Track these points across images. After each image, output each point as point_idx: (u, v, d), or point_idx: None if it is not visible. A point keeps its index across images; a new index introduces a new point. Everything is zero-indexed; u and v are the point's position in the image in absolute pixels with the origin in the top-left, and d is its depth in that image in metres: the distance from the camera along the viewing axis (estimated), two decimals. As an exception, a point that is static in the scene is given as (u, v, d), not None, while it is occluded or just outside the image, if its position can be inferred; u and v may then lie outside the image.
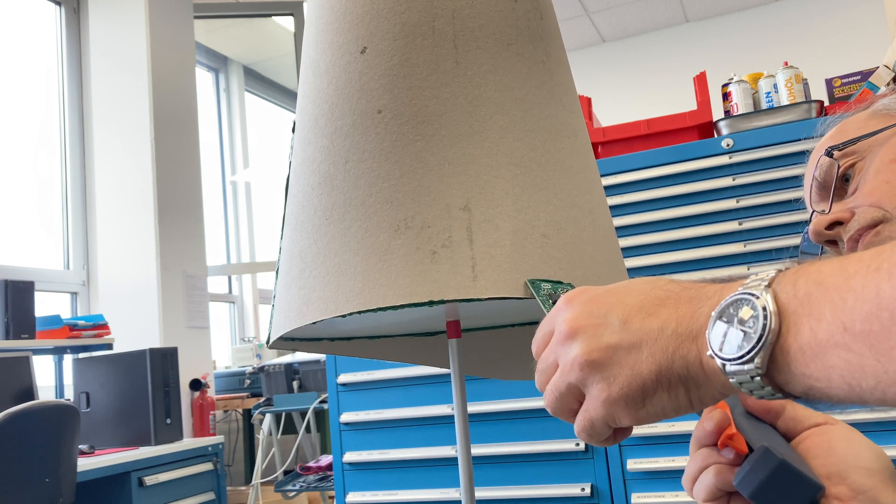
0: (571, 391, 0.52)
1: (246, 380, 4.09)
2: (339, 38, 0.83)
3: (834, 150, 0.80)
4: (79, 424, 2.54)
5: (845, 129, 0.83)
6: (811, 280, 0.42)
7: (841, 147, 0.80)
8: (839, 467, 0.53)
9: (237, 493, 3.90)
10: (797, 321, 0.42)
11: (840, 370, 0.39)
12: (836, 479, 0.52)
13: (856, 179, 0.79)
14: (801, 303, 0.42)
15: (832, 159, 0.80)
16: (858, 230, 0.76)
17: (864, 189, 0.77)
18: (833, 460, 0.54)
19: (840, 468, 0.53)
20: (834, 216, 0.79)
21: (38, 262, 3.79)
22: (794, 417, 0.58)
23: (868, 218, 0.75)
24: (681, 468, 1.74)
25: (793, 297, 0.43)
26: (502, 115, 0.79)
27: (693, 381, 0.47)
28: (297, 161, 0.85)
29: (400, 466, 2.01)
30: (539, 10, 0.87)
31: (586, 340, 0.50)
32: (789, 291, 0.43)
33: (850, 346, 0.39)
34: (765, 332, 0.42)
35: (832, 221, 0.79)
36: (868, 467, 0.53)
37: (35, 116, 4.00)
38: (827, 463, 0.54)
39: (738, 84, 2.10)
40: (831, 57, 4.85)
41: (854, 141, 0.80)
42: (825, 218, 0.79)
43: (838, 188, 0.80)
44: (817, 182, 0.82)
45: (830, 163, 0.80)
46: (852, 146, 0.80)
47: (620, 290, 0.52)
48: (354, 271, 0.75)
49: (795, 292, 0.43)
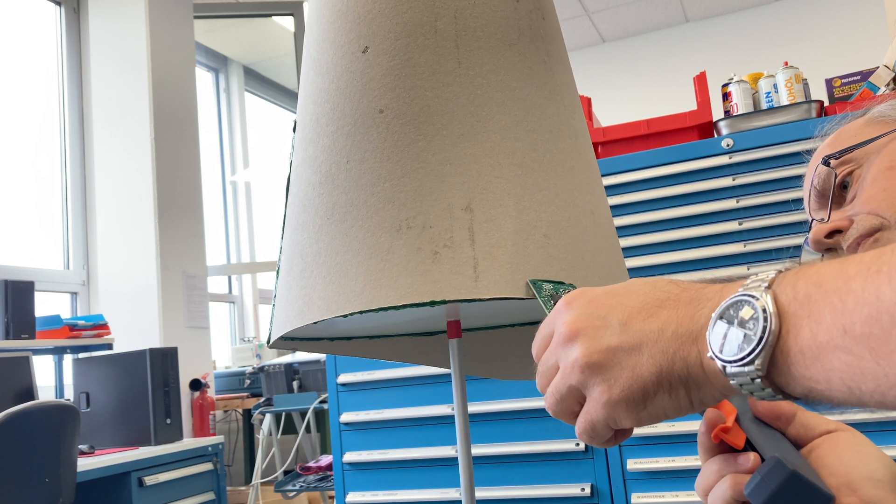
0: (572, 393, 0.52)
1: (246, 380, 4.09)
2: (340, 37, 0.82)
3: (830, 160, 0.81)
4: (79, 424, 2.54)
5: (841, 136, 0.84)
6: (811, 282, 0.42)
7: (837, 156, 0.80)
8: (850, 478, 0.53)
9: (237, 493, 3.90)
10: (797, 323, 0.42)
11: (840, 373, 0.39)
12: (847, 490, 0.52)
13: (854, 187, 0.79)
14: (801, 304, 0.42)
15: (829, 168, 0.81)
16: (857, 238, 0.76)
17: (862, 197, 0.78)
18: (843, 470, 0.53)
19: (850, 479, 0.53)
20: (833, 225, 0.79)
21: (38, 262, 3.79)
22: (804, 424, 0.57)
23: (866, 226, 0.76)
24: (681, 468, 1.74)
25: (793, 299, 0.43)
26: (504, 115, 0.79)
27: (694, 382, 0.47)
28: (298, 161, 0.85)
29: (400, 466, 2.01)
30: (541, 10, 0.87)
31: (586, 342, 0.50)
32: (789, 293, 0.43)
33: (850, 349, 0.39)
34: (765, 333, 0.42)
35: (831, 230, 0.79)
36: (878, 478, 0.53)
37: (35, 116, 4.00)
38: (837, 473, 0.53)
39: (738, 84, 2.10)
40: (831, 57, 4.85)
41: (850, 149, 0.80)
42: (824, 227, 0.80)
43: (836, 196, 0.81)
44: (815, 190, 0.83)
45: (828, 171, 0.81)
46: (849, 154, 0.80)
47: (620, 291, 0.52)
48: (356, 271, 0.74)
49: (795, 294, 0.43)
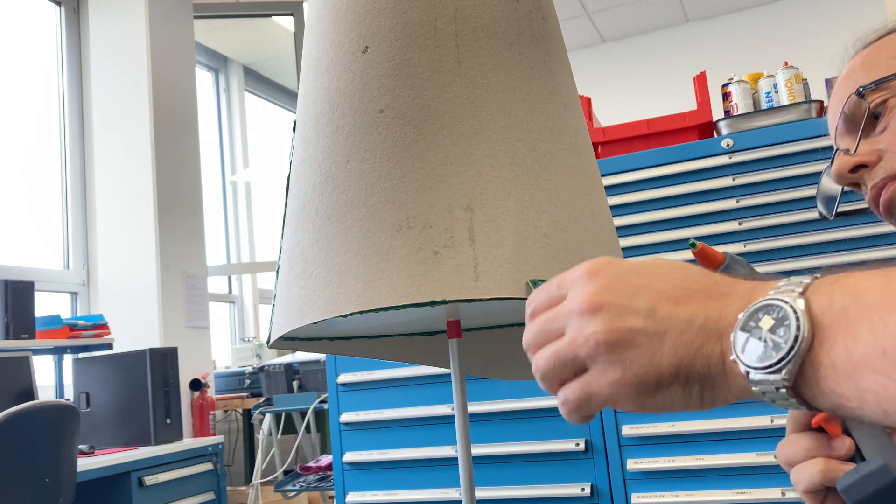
0: (575, 363, 0.49)
1: (246, 380, 4.09)
2: (340, 37, 0.82)
3: (865, 90, 0.76)
4: (79, 424, 2.54)
5: (878, 56, 0.78)
6: (849, 294, 0.40)
7: (873, 86, 0.75)
8: None
9: (237, 493, 3.90)
10: (832, 336, 0.40)
11: (875, 394, 0.37)
12: None
13: (886, 117, 0.75)
14: (837, 317, 0.40)
15: (862, 98, 0.76)
16: (884, 178, 0.73)
17: (895, 131, 0.73)
18: None
19: None
20: (859, 159, 0.75)
21: (38, 262, 3.79)
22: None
23: (895, 168, 0.72)
24: (681, 468, 1.74)
25: (827, 309, 0.40)
26: (504, 115, 0.79)
27: (711, 381, 0.45)
28: (298, 160, 0.85)
29: (400, 466, 2.01)
30: (541, 11, 0.87)
31: (608, 319, 0.47)
32: (823, 303, 0.41)
33: (888, 373, 0.37)
34: (796, 343, 0.40)
35: (857, 164, 0.75)
36: None
37: (35, 116, 4.00)
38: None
39: (738, 84, 2.10)
40: (831, 57, 4.84)
41: (888, 79, 0.75)
42: (850, 160, 0.75)
43: (867, 126, 0.76)
44: (845, 116, 0.78)
45: (860, 101, 0.76)
46: (886, 83, 0.75)
47: (649, 271, 0.49)
48: (356, 271, 0.74)
49: (831, 304, 0.41)
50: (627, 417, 1.81)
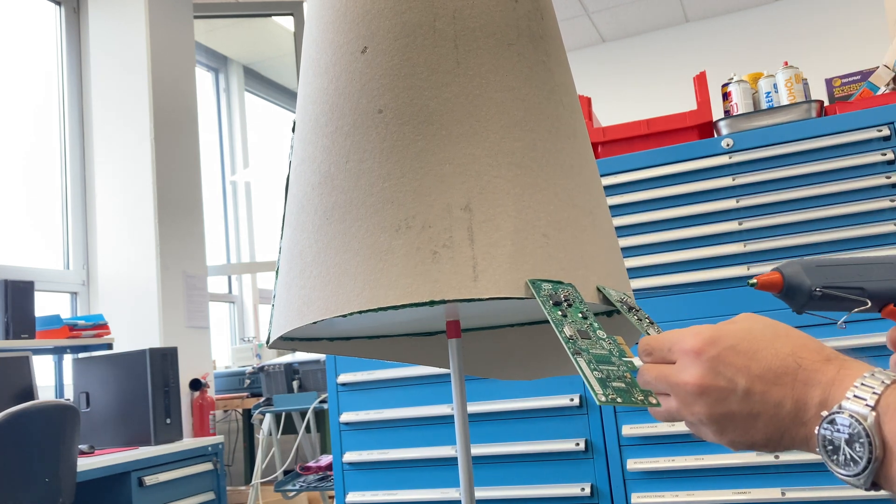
0: (680, 414, 0.61)
1: (246, 380, 4.09)
2: (339, 37, 0.82)
3: None
4: (79, 424, 2.54)
5: None
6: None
7: None
8: None
9: (237, 493, 3.90)
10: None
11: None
12: None
13: None
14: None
15: None
16: None
17: None
18: None
19: None
20: None
21: (38, 262, 3.79)
22: None
23: None
24: (681, 468, 1.74)
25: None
26: (503, 115, 0.79)
27: (792, 448, 0.56)
28: (297, 161, 0.85)
29: (400, 466, 2.01)
30: (539, 11, 0.87)
31: (711, 404, 0.57)
32: (893, 429, 0.49)
33: None
34: (870, 464, 0.49)
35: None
36: None
37: (35, 116, 4.00)
38: None
39: (738, 84, 2.10)
40: (831, 57, 4.85)
41: None
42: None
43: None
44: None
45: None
46: None
47: (747, 349, 0.58)
48: (355, 271, 0.74)
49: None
50: (627, 417, 1.81)
